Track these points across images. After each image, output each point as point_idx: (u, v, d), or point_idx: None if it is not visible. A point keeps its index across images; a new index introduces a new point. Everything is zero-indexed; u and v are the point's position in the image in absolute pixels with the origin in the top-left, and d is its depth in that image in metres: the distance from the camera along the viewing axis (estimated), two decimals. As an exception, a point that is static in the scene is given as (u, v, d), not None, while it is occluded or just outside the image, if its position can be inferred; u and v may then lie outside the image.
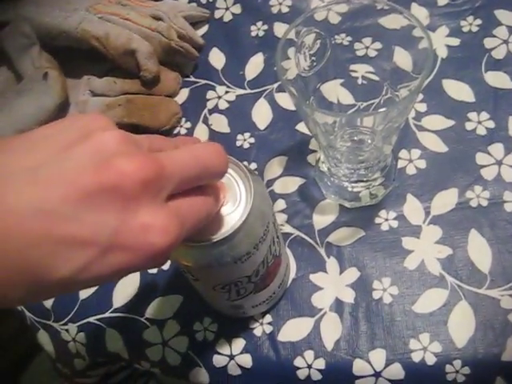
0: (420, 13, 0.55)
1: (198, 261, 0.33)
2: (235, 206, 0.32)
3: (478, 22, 0.54)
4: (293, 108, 0.52)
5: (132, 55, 0.52)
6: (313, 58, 0.42)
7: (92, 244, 0.22)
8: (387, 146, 0.43)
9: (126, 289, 0.47)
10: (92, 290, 0.47)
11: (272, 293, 0.41)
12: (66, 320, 0.47)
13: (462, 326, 0.41)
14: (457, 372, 0.39)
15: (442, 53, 0.53)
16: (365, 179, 0.46)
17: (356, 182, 0.46)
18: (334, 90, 0.45)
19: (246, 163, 0.50)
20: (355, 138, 0.45)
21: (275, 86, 0.54)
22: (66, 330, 0.47)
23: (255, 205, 0.32)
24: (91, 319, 0.46)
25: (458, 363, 0.40)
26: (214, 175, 0.29)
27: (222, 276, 0.35)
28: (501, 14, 0.54)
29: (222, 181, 0.32)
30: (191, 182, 0.27)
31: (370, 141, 0.44)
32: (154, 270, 0.47)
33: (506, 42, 0.52)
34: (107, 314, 0.46)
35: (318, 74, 0.42)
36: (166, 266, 0.47)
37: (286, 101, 0.53)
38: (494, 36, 0.53)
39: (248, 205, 0.31)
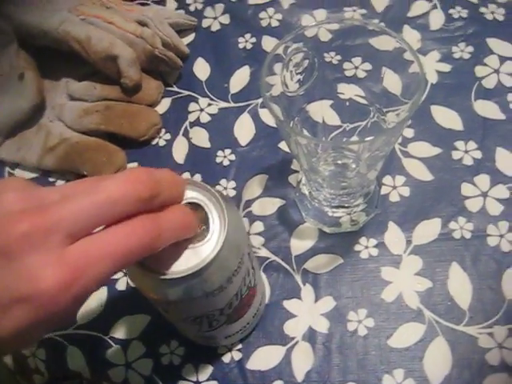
0: (412, 36, 0.54)
1: (167, 294, 0.30)
2: (207, 237, 0.29)
3: (470, 49, 0.53)
4: (276, 125, 0.50)
5: (113, 61, 0.50)
6: (299, 77, 0.40)
7: None
8: (372, 172, 0.42)
9: (90, 305, 0.45)
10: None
11: (246, 323, 0.39)
12: (26, 334, 0.44)
13: (437, 363, 0.39)
14: (430, 412, 0.38)
15: (432, 78, 0.52)
16: (346, 205, 0.44)
17: (337, 207, 0.44)
18: (320, 111, 0.43)
19: (224, 181, 0.49)
20: (339, 162, 0.43)
21: (260, 101, 0.52)
22: (26, 345, 0.44)
23: (229, 236, 0.29)
24: (53, 335, 0.44)
25: (432, 402, 0.38)
26: (131, 205, 0.25)
27: (192, 309, 0.33)
28: (493, 43, 0.53)
29: (194, 208, 0.30)
30: (99, 219, 0.24)
31: (354, 165, 0.43)
32: (123, 287, 0.45)
33: (496, 71, 0.51)
34: (70, 331, 0.44)
35: (305, 93, 0.41)
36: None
37: (270, 117, 0.51)
38: (486, 65, 0.52)
39: (221, 236, 0.29)
